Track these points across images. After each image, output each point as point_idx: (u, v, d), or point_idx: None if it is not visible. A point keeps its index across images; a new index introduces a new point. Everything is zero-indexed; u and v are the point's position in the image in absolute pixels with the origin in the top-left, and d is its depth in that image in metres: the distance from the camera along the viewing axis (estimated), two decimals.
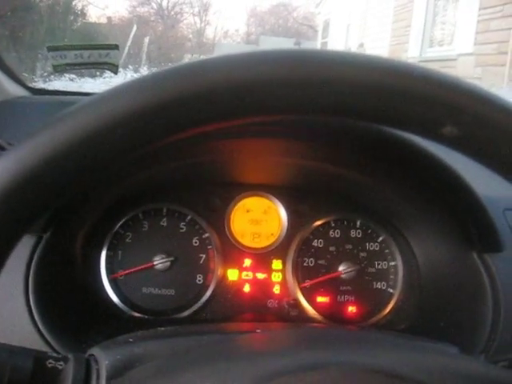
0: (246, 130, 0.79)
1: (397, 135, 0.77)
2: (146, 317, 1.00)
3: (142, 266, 1.01)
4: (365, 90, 0.39)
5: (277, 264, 1.06)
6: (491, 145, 0.41)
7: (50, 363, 0.54)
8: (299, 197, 1.07)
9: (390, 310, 1.04)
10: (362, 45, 11.87)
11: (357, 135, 0.80)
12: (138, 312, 1.00)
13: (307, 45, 16.11)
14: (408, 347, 0.54)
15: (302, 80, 0.38)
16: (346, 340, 0.52)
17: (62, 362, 0.54)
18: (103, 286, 1.00)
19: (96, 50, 1.29)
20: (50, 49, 1.27)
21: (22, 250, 0.81)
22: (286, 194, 1.07)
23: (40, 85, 1.67)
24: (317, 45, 16.18)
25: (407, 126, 0.42)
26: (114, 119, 0.37)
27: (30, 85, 1.48)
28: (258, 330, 0.64)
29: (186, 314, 1.01)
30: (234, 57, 0.39)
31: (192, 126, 0.39)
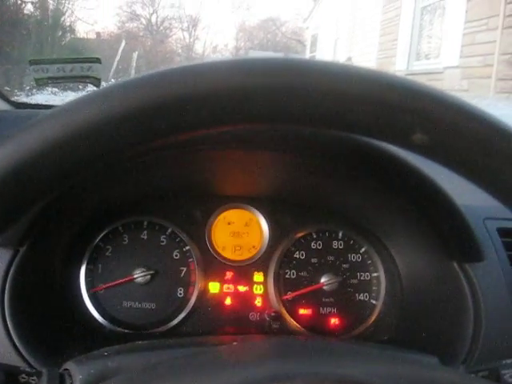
0: (227, 141, 0.79)
1: (376, 146, 0.78)
2: (126, 331, 0.99)
3: (122, 280, 1.00)
4: (333, 99, 0.39)
5: (258, 276, 1.05)
6: (462, 152, 0.41)
7: (22, 378, 0.53)
8: (280, 209, 1.07)
9: (373, 321, 1.03)
10: (349, 58, 11.97)
11: (336, 146, 0.80)
12: (118, 326, 0.99)
13: None
14: (384, 358, 0.53)
15: (267, 88, 0.38)
16: (321, 351, 0.52)
17: (35, 377, 0.54)
18: (83, 300, 0.98)
19: (78, 64, 1.29)
20: (33, 63, 1.27)
21: None
22: (268, 205, 1.07)
23: (22, 99, 1.67)
24: None
25: (378, 134, 0.42)
26: (77, 129, 0.37)
27: (13, 99, 1.47)
28: (235, 343, 0.63)
29: (166, 327, 1.00)
30: (212, 64, 0.39)
31: (162, 135, 0.39)
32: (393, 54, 9.81)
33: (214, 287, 1.04)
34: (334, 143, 0.79)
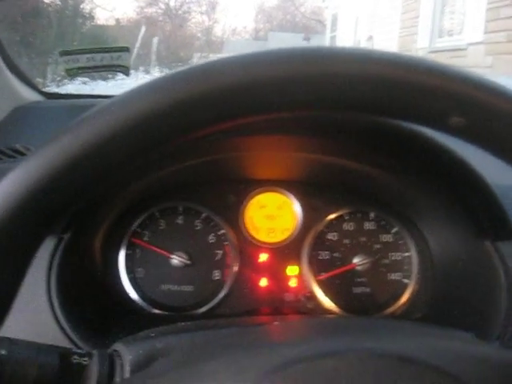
0: (260, 126, 0.80)
1: (409, 128, 0.78)
2: (166, 313, 1.02)
3: (160, 264, 1.03)
4: (372, 84, 0.40)
5: (292, 258, 1.07)
6: (498, 134, 0.42)
7: (75, 359, 0.55)
8: (313, 191, 1.08)
9: (406, 300, 1.05)
10: (370, 37, 11.82)
11: (369, 129, 0.81)
12: (158, 309, 1.02)
13: (316, 39, 16.03)
14: (424, 333, 0.54)
15: (310, 76, 0.40)
16: (363, 328, 0.53)
17: (86, 358, 0.56)
18: (123, 284, 1.01)
19: (108, 53, 1.31)
20: (63, 53, 1.29)
21: (44, 251, 0.83)
22: (300, 188, 1.09)
23: (53, 89, 1.69)
24: (325, 39, 16.10)
25: (414, 118, 0.43)
26: (130, 121, 0.38)
27: (44, 89, 1.50)
28: (276, 323, 0.65)
29: (204, 309, 1.03)
30: (252, 55, 0.40)
31: (209, 125, 0.40)
32: (415, 31, 9.66)
33: (249, 269, 1.06)
34: (367, 127, 0.80)
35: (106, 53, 1.32)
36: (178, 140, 0.41)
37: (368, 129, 0.81)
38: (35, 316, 0.80)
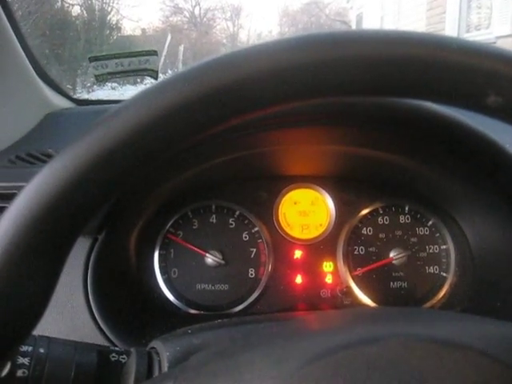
0: (290, 119, 0.80)
1: (442, 115, 0.77)
2: (202, 312, 1.01)
3: (195, 264, 1.03)
4: (408, 66, 0.39)
5: (327, 254, 1.06)
6: None
7: (113, 357, 0.55)
8: (345, 186, 1.07)
9: (445, 293, 1.03)
10: None
11: (402, 118, 0.80)
12: (193, 308, 1.01)
13: None
14: (466, 319, 0.53)
15: (340, 60, 0.39)
16: (403, 316, 0.52)
17: (124, 356, 0.56)
18: (158, 284, 1.02)
19: (136, 58, 1.32)
20: (92, 59, 1.30)
21: (80, 251, 0.84)
22: (332, 184, 1.08)
23: (84, 96, 1.72)
24: None
25: (451, 100, 0.42)
26: (163, 112, 0.38)
27: (75, 96, 1.52)
28: (315, 313, 0.64)
29: (240, 307, 1.02)
30: (271, 44, 0.40)
31: (247, 111, 0.40)
32: (441, 27, 9.55)
33: (284, 266, 1.05)
34: (400, 116, 0.79)
35: (134, 57, 1.33)
36: (214, 129, 0.40)
37: (401, 119, 0.80)
38: (73, 316, 0.81)
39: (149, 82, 1.52)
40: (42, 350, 0.51)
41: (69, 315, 0.81)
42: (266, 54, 0.39)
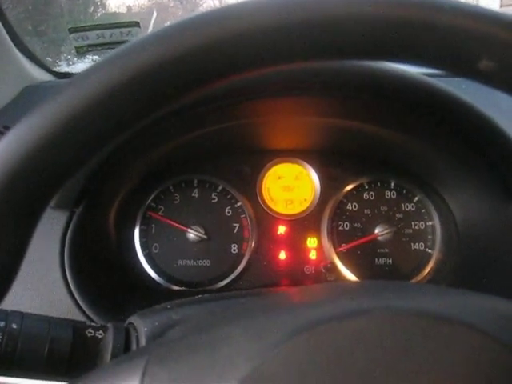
0: (273, 88, 0.77)
1: (430, 87, 0.75)
2: (183, 288, 1.00)
3: (176, 239, 1.01)
4: (397, 27, 0.37)
5: (311, 229, 1.04)
6: None
7: (89, 332, 0.54)
8: (330, 160, 1.05)
9: (430, 270, 1.02)
10: None
11: (387, 89, 0.78)
12: (175, 284, 1.00)
13: None
14: (454, 293, 0.52)
15: (325, 19, 0.37)
16: (389, 289, 0.51)
17: (101, 331, 0.54)
18: (138, 260, 1.00)
19: (117, 29, 1.29)
20: (72, 30, 1.27)
21: (56, 225, 0.82)
22: (317, 158, 1.06)
23: (64, 68, 1.67)
24: None
25: (440, 63, 0.40)
26: (135, 72, 0.36)
27: (55, 69, 1.48)
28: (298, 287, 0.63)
29: (222, 283, 1.01)
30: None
31: (218, 77, 0.38)
32: None
33: (267, 242, 1.04)
34: (385, 86, 0.77)
35: (115, 29, 1.30)
36: (188, 94, 0.38)
37: (387, 89, 0.78)
38: (49, 291, 0.79)
39: None
40: (14, 326, 0.50)
41: (45, 291, 0.79)
42: (245, 13, 0.36)
